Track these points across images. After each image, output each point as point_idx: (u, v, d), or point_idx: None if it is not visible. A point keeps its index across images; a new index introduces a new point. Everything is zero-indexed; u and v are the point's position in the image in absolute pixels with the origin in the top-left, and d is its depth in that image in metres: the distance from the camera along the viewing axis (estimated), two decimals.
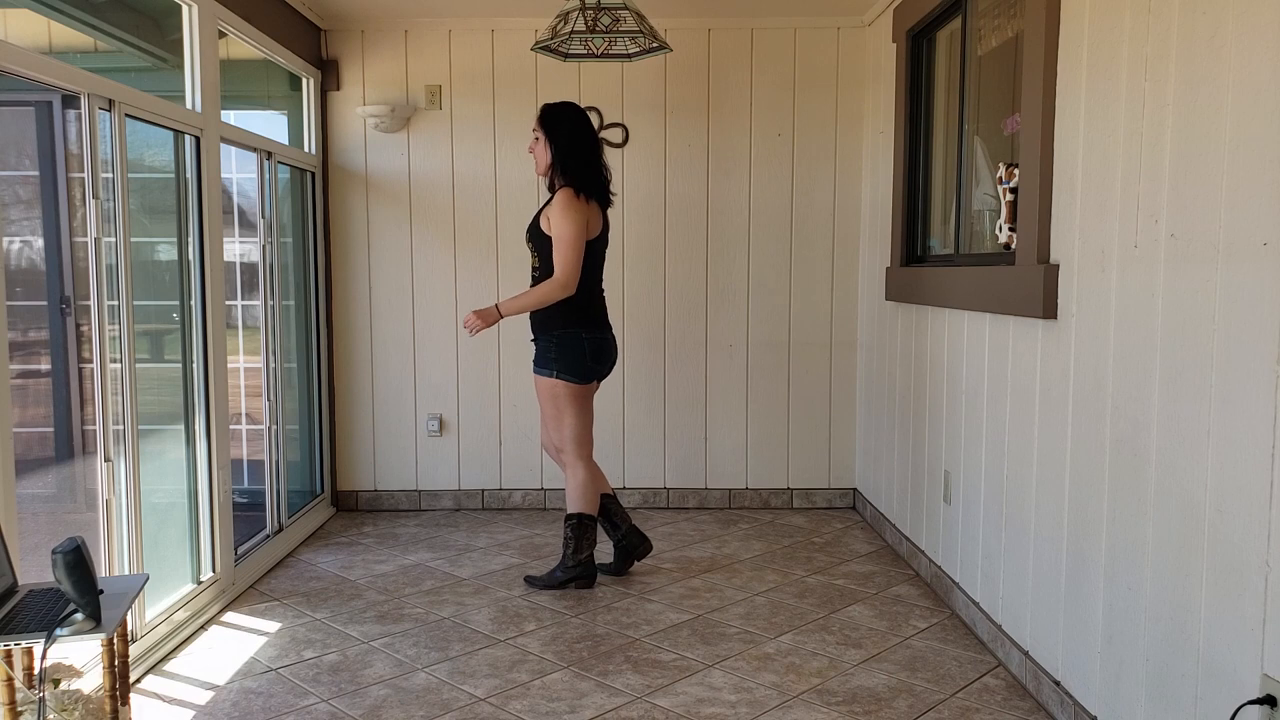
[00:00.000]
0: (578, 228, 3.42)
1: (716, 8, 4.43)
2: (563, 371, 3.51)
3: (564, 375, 3.51)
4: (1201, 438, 1.94)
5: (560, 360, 3.51)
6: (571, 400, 3.55)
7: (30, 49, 2.39)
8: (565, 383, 3.52)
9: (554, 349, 3.51)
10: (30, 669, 2.18)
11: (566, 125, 3.51)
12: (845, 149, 4.69)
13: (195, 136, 3.32)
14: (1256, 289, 1.77)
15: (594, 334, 3.54)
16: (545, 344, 3.53)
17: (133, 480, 2.87)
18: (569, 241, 3.41)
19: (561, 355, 3.50)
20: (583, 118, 3.55)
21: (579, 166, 3.49)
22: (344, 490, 4.82)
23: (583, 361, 3.52)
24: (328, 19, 4.57)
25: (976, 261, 3.20)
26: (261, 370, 4.04)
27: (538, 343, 3.56)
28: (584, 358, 3.52)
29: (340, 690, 2.78)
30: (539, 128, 3.55)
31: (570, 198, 3.44)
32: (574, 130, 3.51)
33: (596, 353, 3.55)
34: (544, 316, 3.53)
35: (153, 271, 3.39)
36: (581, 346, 3.51)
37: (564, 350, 3.50)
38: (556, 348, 3.50)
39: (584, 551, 3.59)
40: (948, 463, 3.45)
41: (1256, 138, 1.77)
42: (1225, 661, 1.87)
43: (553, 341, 3.51)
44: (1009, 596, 2.92)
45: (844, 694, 2.74)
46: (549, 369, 3.52)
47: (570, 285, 3.44)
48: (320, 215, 4.65)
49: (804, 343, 4.78)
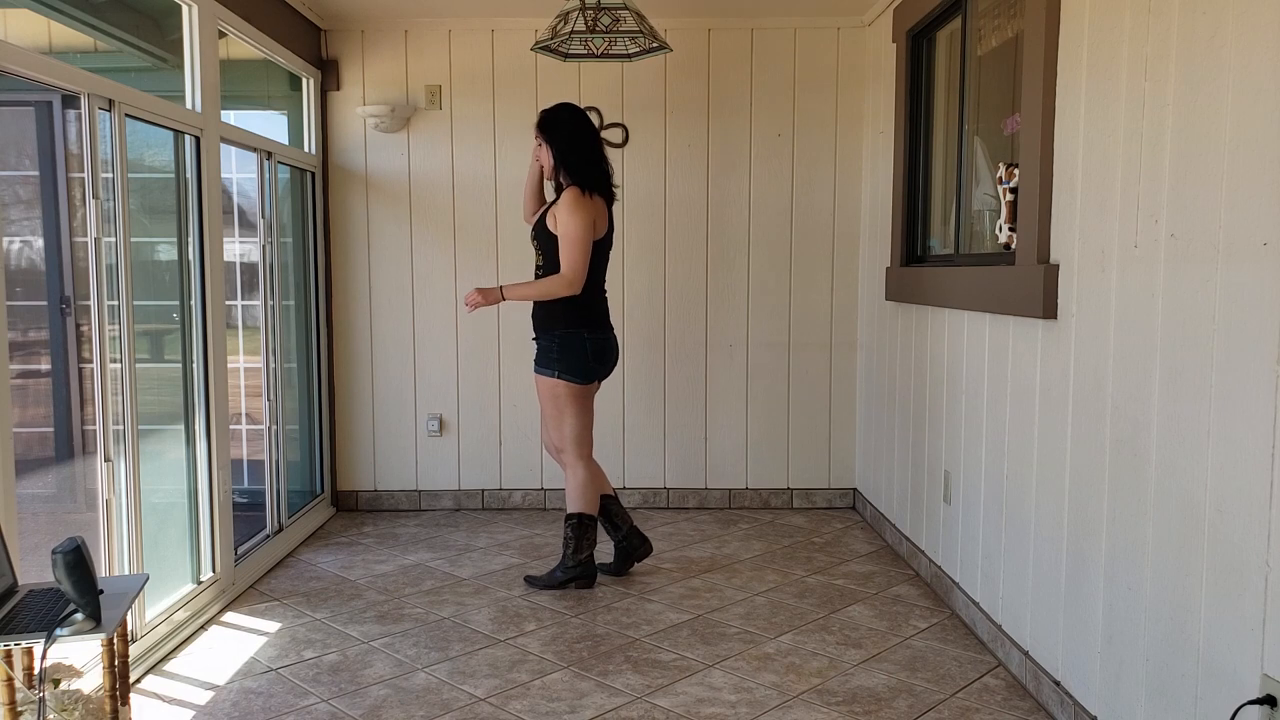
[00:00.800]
0: (585, 226, 3.42)
1: (716, 8, 4.43)
2: (564, 371, 3.51)
3: (565, 375, 3.51)
4: (1201, 438, 1.94)
5: (562, 360, 3.50)
6: (572, 400, 3.54)
7: (30, 49, 2.39)
8: (566, 383, 3.52)
9: (556, 349, 3.51)
10: (30, 669, 2.18)
11: (564, 126, 3.52)
12: (845, 149, 4.69)
13: (195, 136, 3.32)
14: (1256, 289, 1.77)
15: (596, 334, 3.54)
16: (547, 343, 3.53)
17: (133, 480, 2.87)
18: (576, 239, 3.41)
19: (564, 355, 3.50)
20: (580, 116, 3.55)
21: (581, 164, 3.49)
22: (344, 490, 4.82)
23: (585, 361, 3.52)
24: (328, 19, 4.57)
25: (976, 261, 3.20)
26: (261, 370, 4.04)
27: (539, 342, 3.56)
28: (586, 358, 3.52)
29: (340, 690, 2.78)
30: (538, 134, 3.56)
31: (578, 195, 3.44)
32: (572, 129, 3.52)
33: (599, 353, 3.55)
34: (546, 316, 3.53)
35: (153, 271, 3.39)
36: (584, 347, 3.51)
37: (566, 350, 3.50)
38: (559, 348, 3.50)
39: (584, 551, 3.59)
40: (948, 463, 3.45)
41: (1256, 138, 1.77)
42: (1225, 661, 1.87)
43: (555, 341, 3.51)
44: (1009, 596, 2.92)
45: (844, 694, 2.74)
46: (550, 369, 3.52)
47: (577, 284, 3.44)
48: (320, 215, 4.65)
49: (804, 343, 4.78)
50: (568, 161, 3.50)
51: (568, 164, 3.50)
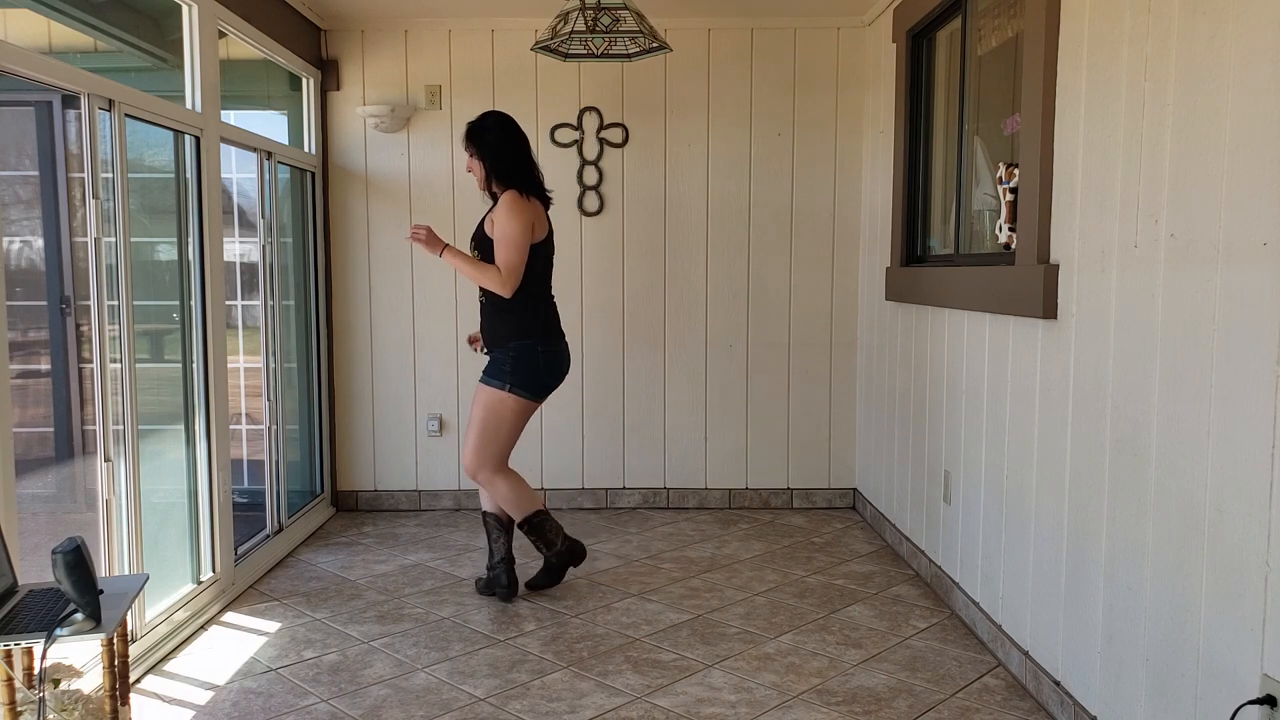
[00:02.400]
0: (522, 226, 3.36)
1: (716, 8, 4.43)
2: (516, 385, 3.42)
3: (517, 390, 3.42)
4: (1201, 438, 1.94)
5: (515, 374, 3.42)
6: (516, 416, 3.46)
7: (30, 49, 2.39)
8: (517, 397, 3.43)
9: (509, 362, 3.42)
10: (30, 669, 2.18)
11: (490, 133, 3.45)
12: (845, 149, 4.69)
13: (195, 136, 3.32)
14: (1256, 289, 1.77)
15: (549, 346, 3.47)
16: (501, 356, 3.45)
17: (133, 480, 2.87)
18: (511, 240, 3.35)
19: (517, 369, 3.42)
20: (505, 121, 3.49)
21: (508, 170, 3.44)
22: (344, 490, 4.82)
23: (538, 375, 3.45)
24: (328, 19, 4.57)
25: (976, 261, 3.20)
26: (261, 370, 4.04)
27: (493, 355, 3.48)
28: (539, 371, 3.45)
29: (340, 690, 2.78)
30: (467, 144, 3.50)
31: (515, 197, 3.39)
32: (499, 136, 3.45)
33: (551, 366, 3.47)
34: (497, 329, 3.46)
35: (153, 271, 3.39)
36: (537, 360, 3.44)
37: (520, 364, 3.42)
38: (513, 361, 3.42)
39: (556, 542, 3.55)
40: (948, 463, 3.45)
41: (1256, 138, 1.77)
42: (1225, 661, 1.87)
43: (508, 354, 3.43)
44: (1009, 596, 2.93)
45: (844, 694, 2.74)
46: (503, 382, 3.43)
47: (510, 281, 3.36)
48: (320, 215, 4.65)
49: (804, 343, 4.78)
50: (496, 168, 3.45)
51: (497, 171, 3.45)
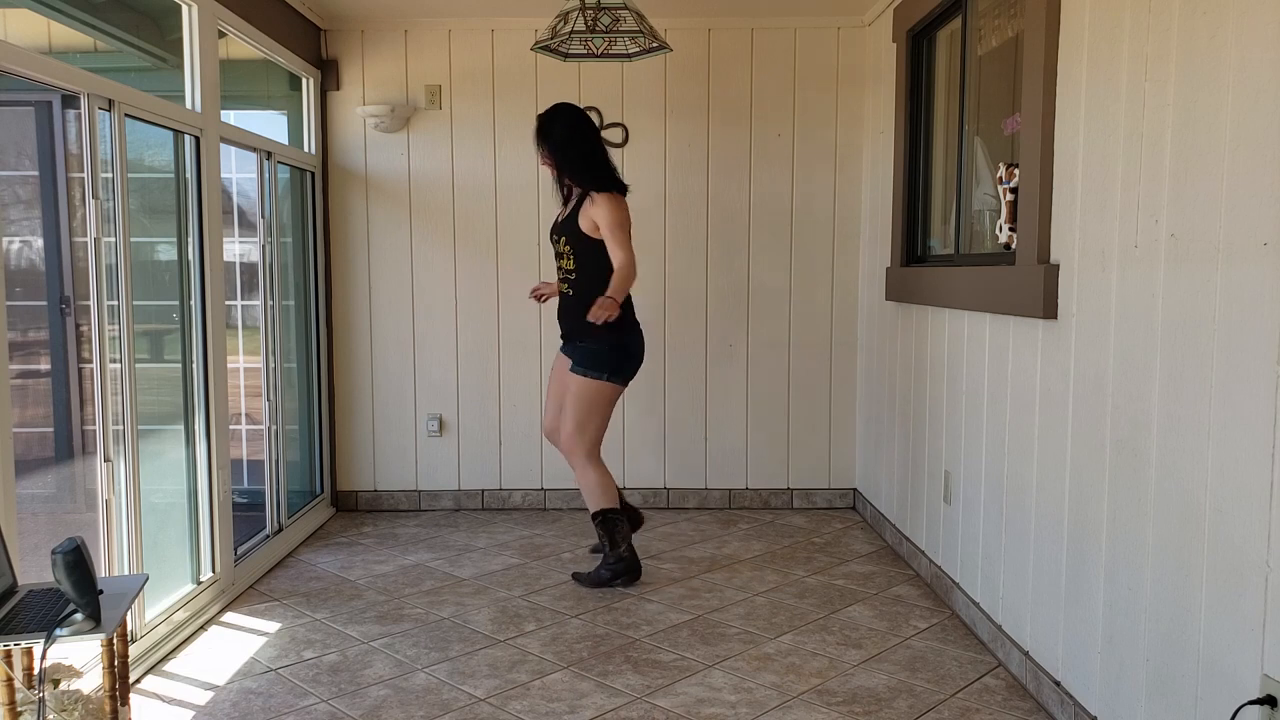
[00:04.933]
0: (628, 219, 3.54)
1: (716, 8, 4.43)
2: (613, 374, 3.57)
3: (614, 378, 3.58)
4: (1201, 438, 1.94)
5: (613, 363, 3.56)
6: (609, 403, 3.62)
7: (30, 49, 2.39)
8: (614, 385, 3.59)
9: (607, 352, 3.54)
10: (30, 669, 2.18)
11: (557, 129, 3.55)
12: (845, 149, 4.69)
13: (195, 136, 3.32)
14: (1256, 289, 1.77)
15: (636, 334, 3.64)
16: (598, 347, 3.54)
17: (132, 480, 2.87)
18: (628, 232, 3.51)
19: (614, 359, 3.55)
20: (571, 116, 3.57)
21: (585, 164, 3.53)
22: (344, 490, 4.82)
23: (632, 364, 3.61)
24: (327, 19, 4.57)
25: (976, 261, 3.20)
26: (261, 370, 4.04)
27: (585, 345, 3.56)
28: (633, 360, 3.61)
29: (340, 690, 2.78)
30: (538, 141, 3.59)
31: (614, 195, 3.52)
32: (563, 132, 3.55)
33: (639, 355, 3.65)
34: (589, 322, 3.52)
35: (153, 271, 3.39)
36: (628, 348, 3.59)
37: (616, 354, 3.56)
38: (610, 350, 3.54)
39: (621, 545, 3.60)
40: (948, 463, 3.45)
41: (1256, 138, 1.77)
42: (1225, 661, 1.87)
43: (605, 345, 3.54)
44: (1009, 596, 2.92)
45: (844, 694, 2.74)
46: (601, 372, 3.54)
47: (635, 270, 3.52)
48: (320, 215, 4.65)
49: (804, 343, 4.78)
50: (567, 166, 3.56)
51: (569, 168, 3.56)
